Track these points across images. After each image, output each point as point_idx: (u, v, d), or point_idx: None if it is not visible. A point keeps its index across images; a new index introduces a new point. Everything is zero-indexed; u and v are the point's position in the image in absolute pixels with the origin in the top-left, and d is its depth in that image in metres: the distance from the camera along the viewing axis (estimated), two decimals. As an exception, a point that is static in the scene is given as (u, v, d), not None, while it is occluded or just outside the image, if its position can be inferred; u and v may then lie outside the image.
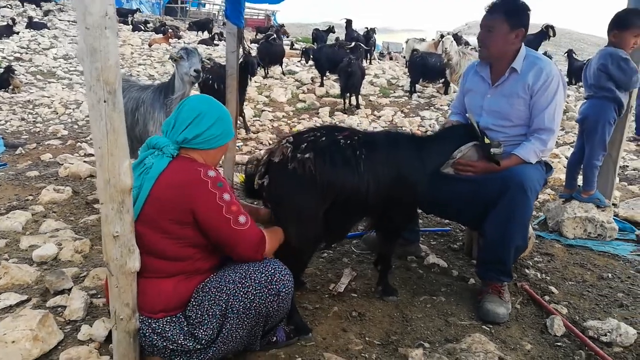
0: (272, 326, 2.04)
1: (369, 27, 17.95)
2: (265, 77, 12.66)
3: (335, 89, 11.03)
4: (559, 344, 2.32)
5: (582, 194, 3.73)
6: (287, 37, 23.95)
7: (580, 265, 3.19)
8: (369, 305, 2.61)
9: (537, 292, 2.79)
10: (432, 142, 2.66)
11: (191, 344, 1.83)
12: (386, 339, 2.32)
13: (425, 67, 11.16)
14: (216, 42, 20.50)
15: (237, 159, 5.54)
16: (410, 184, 2.43)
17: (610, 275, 3.04)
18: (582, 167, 3.71)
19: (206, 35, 22.54)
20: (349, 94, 9.60)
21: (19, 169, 5.04)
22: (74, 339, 2.19)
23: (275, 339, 2.16)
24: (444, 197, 2.69)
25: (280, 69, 13.80)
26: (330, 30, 19.45)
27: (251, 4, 4.76)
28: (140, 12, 27.83)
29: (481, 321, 2.50)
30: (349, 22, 17.55)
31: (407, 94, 11.58)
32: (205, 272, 1.93)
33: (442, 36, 13.18)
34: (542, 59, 2.73)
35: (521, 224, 2.52)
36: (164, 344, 1.84)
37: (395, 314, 2.54)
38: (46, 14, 21.98)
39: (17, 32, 16.76)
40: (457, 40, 11.78)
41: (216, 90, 6.29)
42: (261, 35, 20.32)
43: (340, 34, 20.56)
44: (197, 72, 3.67)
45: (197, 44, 19.57)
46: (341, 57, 11.06)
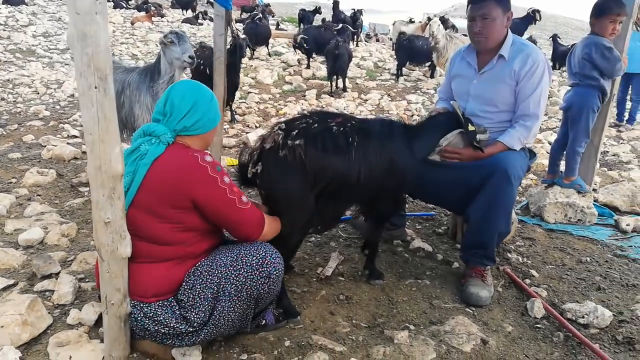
0: (262, 309, 2.08)
1: (356, 9, 17.81)
2: (251, 58, 12.51)
3: (322, 71, 10.96)
4: (538, 325, 2.40)
5: (564, 180, 3.81)
6: (273, 17, 23.60)
7: (560, 249, 3.29)
8: (356, 288, 2.66)
9: (519, 275, 2.87)
10: (419, 131, 2.67)
11: (183, 326, 1.86)
12: (373, 322, 2.38)
13: (412, 50, 11.15)
14: (200, 21, 20.13)
15: (224, 142, 5.52)
16: (400, 171, 2.46)
17: (588, 259, 3.14)
18: (564, 153, 3.79)
19: (190, 13, 22.11)
20: (335, 77, 9.56)
21: (1, 150, 4.95)
22: (63, 323, 2.19)
23: (264, 322, 2.20)
24: (430, 183, 2.73)
25: (266, 49, 13.65)
26: (316, 10, 19.24)
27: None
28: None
29: (464, 304, 2.56)
30: (336, 3, 17.41)
31: (394, 77, 11.57)
32: (197, 257, 1.95)
33: (429, 19, 13.15)
34: (528, 45, 2.75)
35: (504, 210, 2.57)
36: (156, 328, 1.86)
37: (381, 297, 2.60)
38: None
39: (-6, 8, 16.26)
40: (444, 23, 11.74)
41: (209, 75, 6.19)
42: (246, 14, 20.02)
43: (326, 14, 20.37)
44: (192, 58, 3.62)
45: (181, 22, 19.19)
46: (328, 38, 10.99)
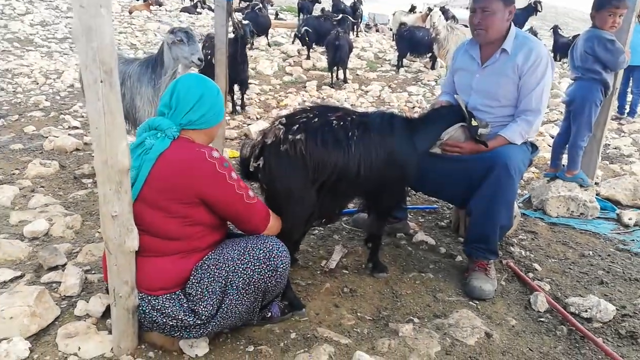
0: (269, 301, 2.10)
1: (356, -1, 17.70)
2: (250, 48, 12.44)
3: (322, 62, 10.90)
4: (542, 319, 2.42)
5: (566, 174, 3.82)
6: (272, 6, 23.41)
7: (562, 243, 3.30)
8: (360, 281, 2.68)
9: (522, 269, 2.89)
10: (421, 124, 2.66)
11: (191, 319, 1.87)
12: (377, 315, 2.40)
13: (412, 41, 11.11)
14: (199, 10, 19.96)
15: (226, 133, 5.51)
16: (401, 165, 2.46)
17: (591, 253, 3.16)
18: (567, 147, 3.79)
19: (188, 2, 21.92)
20: (336, 68, 9.53)
21: (2, 141, 4.93)
22: (71, 314, 2.20)
23: (270, 314, 2.21)
24: (431, 177, 2.74)
25: (266, 40, 13.57)
26: (316, 0, 19.06)
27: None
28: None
29: (468, 297, 2.57)
30: (337, -7, 17.24)
31: (395, 69, 11.53)
32: (202, 250, 1.95)
33: (429, 9, 13.07)
34: (531, 39, 2.75)
35: (505, 204, 2.58)
36: (164, 320, 1.88)
37: (385, 290, 2.61)
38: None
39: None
40: (445, 14, 11.69)
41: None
42: (245, 3, 19.84)
43: (325, 3, 20.21)
44: (201, 60, 3.58)
45: (180, 11, 19.05)
46: (327, 29, 10.94)
